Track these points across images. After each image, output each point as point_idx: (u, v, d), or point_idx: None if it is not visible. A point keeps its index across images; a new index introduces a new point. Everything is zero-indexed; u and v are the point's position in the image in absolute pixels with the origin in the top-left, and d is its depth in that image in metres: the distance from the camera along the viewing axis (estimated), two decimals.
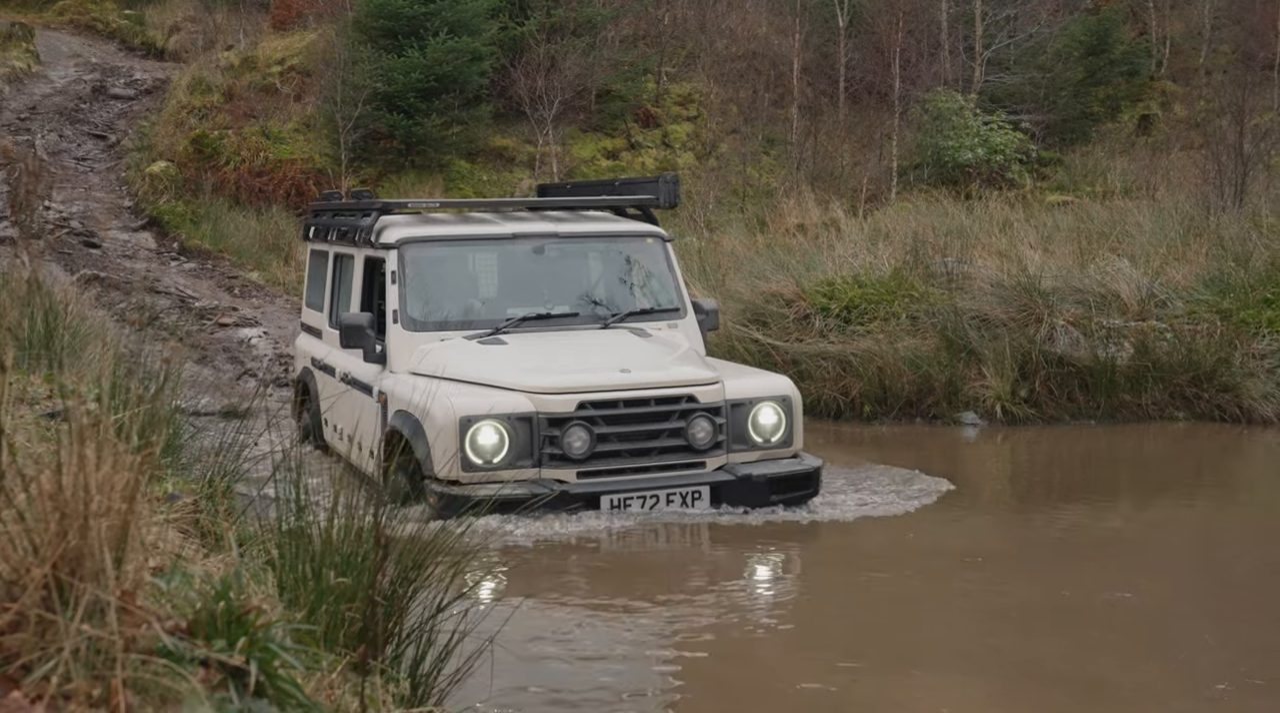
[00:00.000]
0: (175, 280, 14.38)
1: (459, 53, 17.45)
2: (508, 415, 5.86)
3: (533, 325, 6.69)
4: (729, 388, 6.24)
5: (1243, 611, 4.78)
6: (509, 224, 7.11)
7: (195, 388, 6.34)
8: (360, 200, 7.45)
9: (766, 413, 6.31)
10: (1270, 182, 16.32)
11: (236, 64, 20.39)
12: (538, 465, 5.89)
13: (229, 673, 2.05)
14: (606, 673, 4.01)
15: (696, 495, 5.97)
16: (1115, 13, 22.61)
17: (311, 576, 2.74)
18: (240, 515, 3.46)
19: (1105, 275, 10.82)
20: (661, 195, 7.25)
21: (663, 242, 7.26)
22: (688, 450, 6.10)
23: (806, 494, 6.31)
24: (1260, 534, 6.42)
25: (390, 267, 6.69)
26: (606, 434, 5.97)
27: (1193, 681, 3.82)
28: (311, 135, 18.40)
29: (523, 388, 5.98)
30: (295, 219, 17.10)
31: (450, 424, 5.80)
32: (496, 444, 5.83)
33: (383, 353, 6.59)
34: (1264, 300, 10.26)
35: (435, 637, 2.94)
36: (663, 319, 6.98)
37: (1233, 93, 19.04)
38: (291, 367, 9.04)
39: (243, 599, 2.14)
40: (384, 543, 1.99)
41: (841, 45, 20.63)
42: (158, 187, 17.09)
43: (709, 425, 6.11)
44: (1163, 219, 13.24)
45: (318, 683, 2.38)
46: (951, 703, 3.67)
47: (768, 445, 6.31)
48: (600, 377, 6.13)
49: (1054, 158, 20.12)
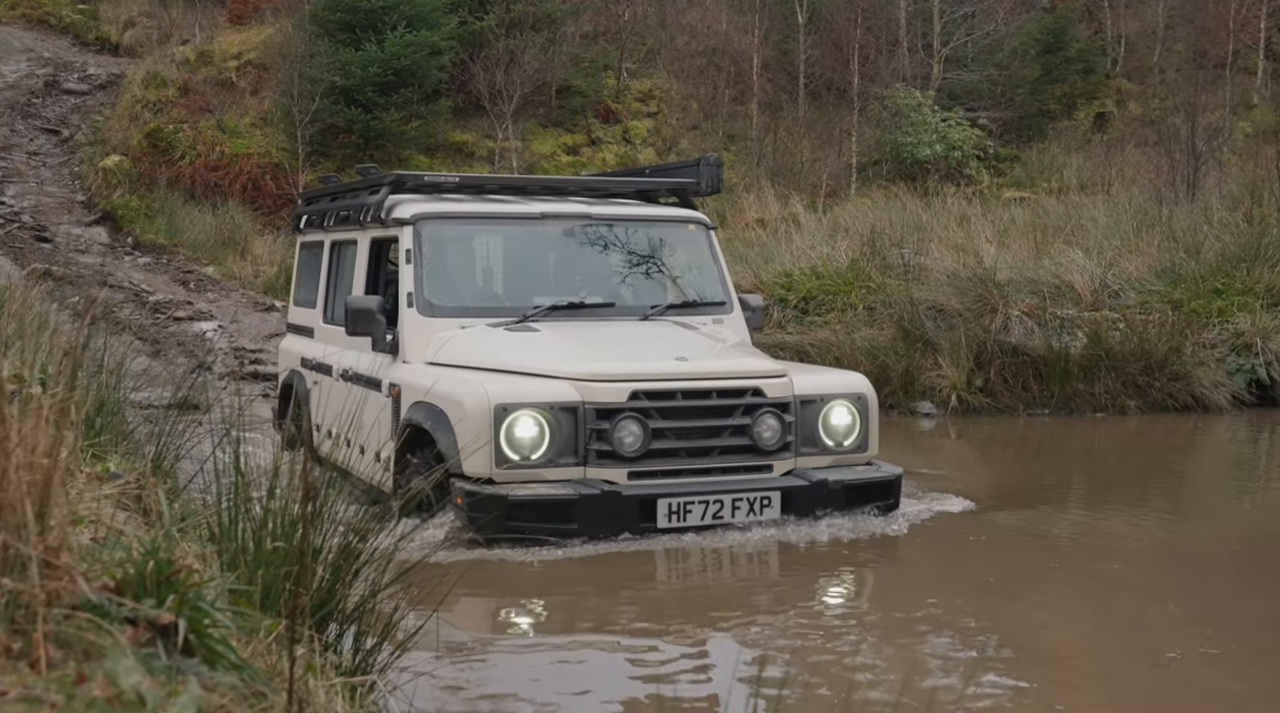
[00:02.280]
0: (129, 275, 14.21)
1: (417, 47, 17.36)
2: (550, 405, 5.07)
3: (563, 315, 5.92)
4: (798, 384, 5.52)
5: (1196, 585, 4.84)
6: (537, 204, 6.37)
7: (147, 380, 6.23)
8: (367, 176, 6.77)
9: (839, 413, 5.58)
10: (1222, 177, 16.55)
11: (192, 58, 20.18)
12: (582, 463, 5.11)
13: (158, 632, 2.02)
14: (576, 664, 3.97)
15: (766, 502, 5.21)
16: (1071, 11, 22.85)
17: (251, 543, 2.71)
18: (183, 491, 3.42)
19: (1060, 267, 10.93)
20: (703, 180, 6.60)
21: (706, 229, 6.57)
22: (753, 451, 5.35)
23: (887, 505, 5.54)
24: (1204, 515, 6.51)
25: (405, 245, 5.94)
26: (662, 429, 5.20)
27: (1147, 648, 3.87)
28: (268, 130, 18.24)
29: (567, 375, 5.21)
30: (252, 213, 16.95)
31: (483, 413, 5.01)
32: (536, 437, 5.05)
33: (394, 342, 5.86)
34: (1214, 291, 10.40)
35: (379, 610, 2.91)
36: (707, 313, 6.25)
37: (1186, 91, 19.29)
38: (273, 373, 8.19)
39: (173, 559, 2.10)
40: (311, 494, 1.95)
41: (801, 42, 20.70)
42: (111, 181, 16.88)
43: (777, 423, 5.37)
44: (1117, 213, 13.40)
45: (256, 648, 2.35)
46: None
47: (839, 449, 5.57)
48: (655, 364, 5.39)
49: (1011, 154, 20.30)
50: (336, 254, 7.00)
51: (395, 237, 6.09)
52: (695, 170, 6.67)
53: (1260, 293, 10.42)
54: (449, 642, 3.68)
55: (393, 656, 2.89)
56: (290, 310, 8.02)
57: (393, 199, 6.16)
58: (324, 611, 2.86)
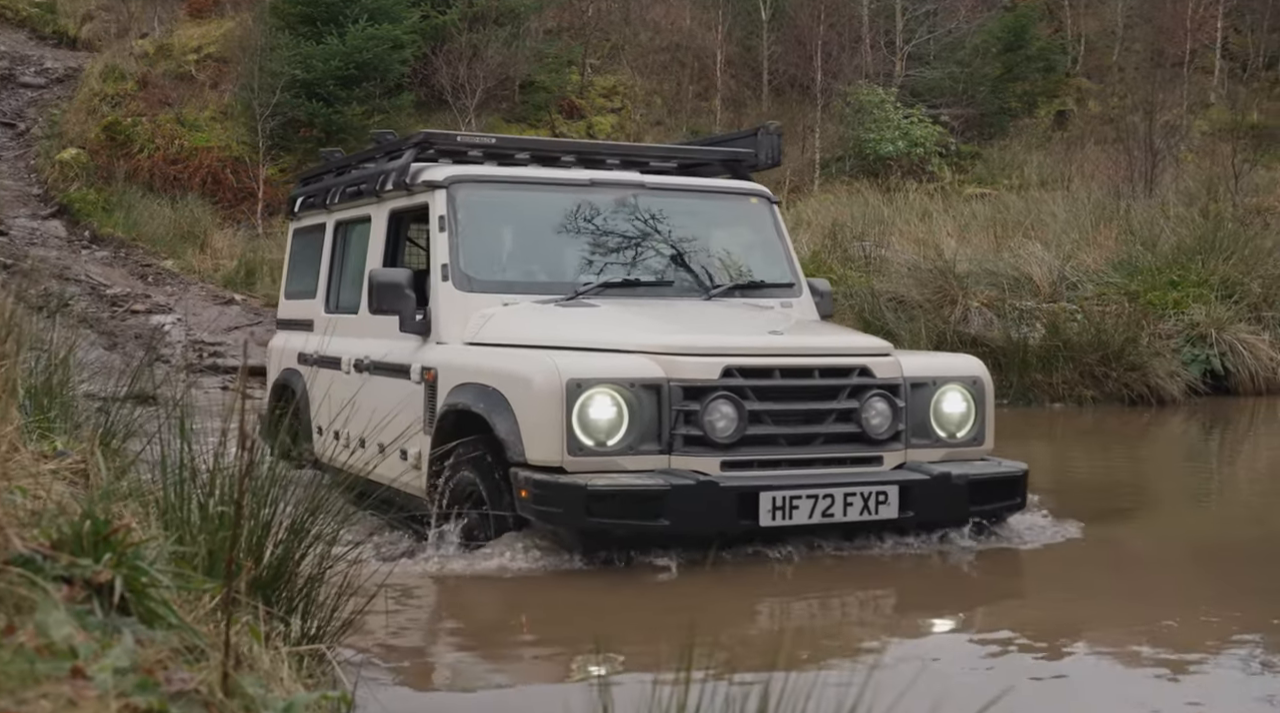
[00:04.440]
0: (86, 268, 14.04)
1: (379, 40, 17.27)
2: (630, 381, 4.38)
3: (617, 293, 5.25)
4: (907, 365, 4.85)
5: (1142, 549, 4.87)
6: (585, 170, 5.75)
7: (101, 371, 6.13)
8: (382, 142, 6.09)
9: (953, 399, 4.90)
10: (1179, 173, 16.75)
11: (151, 52, 19.98)
12: (667, 451, 4.40)
13: (94, 591, 1.99)
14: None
15: (882, 498, 4.51)
16: (1031, 10, 23.07)
17: (197, 512, 2.68)
18: (130, 465, 3.38)
19: (1019, 259, 11.03)
20: (761, 151, 5.95)
21: (769, 203, 5.91)
22: (861, 440, 4.66)
23: (1010, 506, 4.86)
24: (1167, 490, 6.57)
25: (438, 210, 5.28)
26: (759, 412, 4.50)
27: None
28: (228, 123, 18.09)
29: (648, 348, 4.52)
30: (211, 207, 16.80)
31: (553, 390, 4.30)
32: (613, 420, 4.34)
33: (425, 321, 5.18)
34: (1170, 282, 10.52)
35: (329, 582, 2.89)
36: (774, 296, 5.57)
37: (1144, 89, 19.51)
38: (262, 377, 7.28)
39: (111, 519, 2.08)
40: (249, 445, 1.93)
41: (764, 38, 20.77)
42: (68, 174, 16.68)
43: (887, 408, 4.68)
44: (1075, 208, 13.53)
45: (199, 614, 2.32)
46: None
47: (952, 441, 4.87)
48: (749, 338, 4.74)
49: (973, 151, 20.45)
50: (342, 235, 6.40)
51: (423, 204, 5.41)
52: (753, 141, 6.02)
53: (1215, 285, 10.55)
54: (406, 618, 3.66)
55: (342, 629, 2.87)
56: (281, 306, 7.28)
57: (418, 164, 5.52)
58: (275, 585, 2.84)
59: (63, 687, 1.55)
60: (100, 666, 1.67)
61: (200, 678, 1.78)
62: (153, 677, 1.70)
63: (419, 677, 3.20)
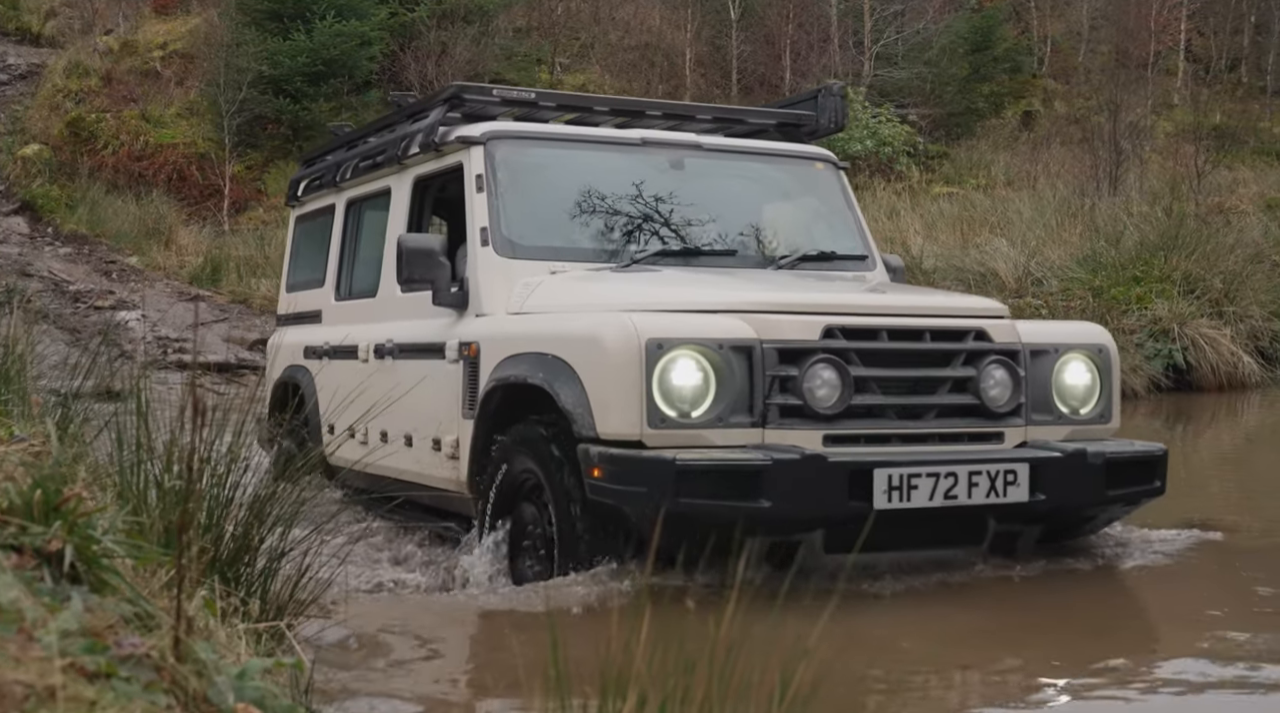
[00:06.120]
0: (49, 264, 13.90)
1: (347, 37, 17.19)
2: (717, 342, 3.77)
3: (675, 262, 4.72)
4: (1024, 331, 4.25)
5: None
6: (636, 129, 5.24)
7: (62, 366, 6.04)
8: (403, 104, 5.58)
9: (1076, 369, 4.33)
10: (1143, 173, 16.92)
11: (116, 48, 19.80)
12: (760, 423, 3.79)
13: (45, 559, 1.96)
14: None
15: (1011, 479, 3.91)
16: (998, 11, 23.25)
17: (154, 487, 2.66)
18: (89, 444, 3.34)
19: (985, 256, 11.11)
20: (824, 115, 5.40)
21: (836, 168, 5.39)
22: (979, 414, 4.07)
23: (1149, 491, 4.26)
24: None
25: (475, 169, 4.75)
26: (865, 379, 3.91)
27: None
28: (194, 120, 17.96)
29: (736, 306, 3.95)
30: (177, 204, 16.67)
31: (630, 353, 3.70)
32: (699, 387, 3.75)
33: (461, 293, 4.63)
34: (1133, 278, 10.62)
35: (289, 559, 2.87)
36: (846, 268, 4.99)
37: (1109, 90, 19.69)
38: (263, 378, 6.71)
39: (62, 489, 2.05)
40: (199, 408, 1.91)
41: (733, 37, 20.82)
42: (31, 170, 16.51)
43: (1008, 377, 4.08)
44: (1041, 206, 13.65)
45: (155, 587, 2.30)
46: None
47: (1076, 417, 4.29)
48: (850, 296, 4.22)
49: (940, 151, 20.57)
50: (355, 215, 5.89)
51: (455, 165, 4.90)
52: (813, 104, 5.45)
53: (1177, 280, 10.66)
54: (372, 599, 3.65)
55: (302, 607, 2.85)
56: (282, 299, 6.74)
57: (446, 125, 5.02)
58: (235, 565, 2.82)
59: (8, 646, 1.53)
60: (47, 629, 1.65)
61: (151, 643, 1.77)
62: (102, 640, 1.68)
63: (379, 651, 3.18)
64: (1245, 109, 22.28)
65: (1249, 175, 18.24)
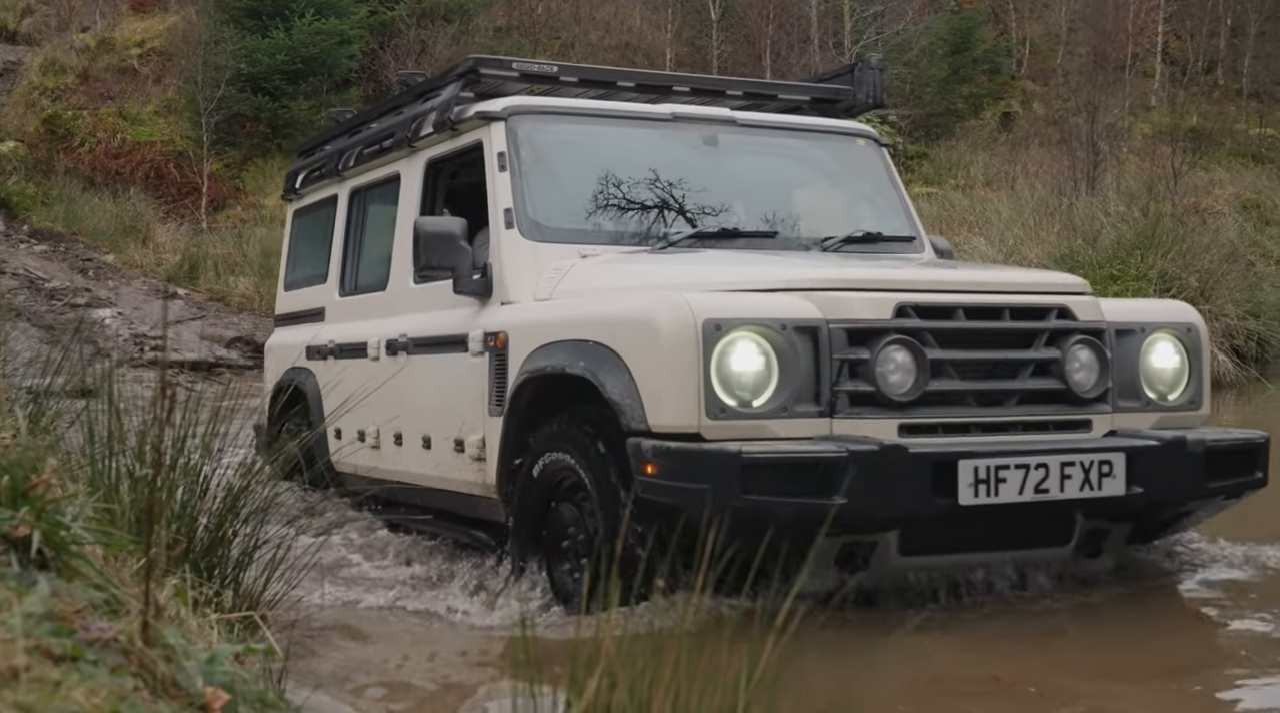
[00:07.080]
0: (24, 262, 13.80)
1: (326, 35, 17.14)
2: (780, 323, 3.40)
3: (712, 245, 4.36)
4: (1107, 310, 3.90)
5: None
6: (665, 104, 4.86)
7: (36, 363, 5.98)
8: (411, 84, 5.28)
9: (1164, 351, 3.98)
10: (1120, 174, 17.03)
11: (93, 46, 19.69)
12: (828, 412, 3.42)
13: (12, 545, 1.95)
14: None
15: (1106, 469, 3.56)
16: (977, 13, 23.36)
17: (125, 476, 2.64)
18: (61, 436, 3.31)
19: (963, 253, 11.14)
20: (861, 90, 5.08)
21: (878, 146, 5.06)
22: (1064, 399, 3.70)
23: (1251, 482, 3.88)
24: None
25: (496, 147, 4.41)
26: (941, 362, 3.54)
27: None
28: (172, 118, 17.87)
29: (798, 284, 3.59)
30: (154, 202, 16.58)
31: (685, 335, 3.33)
32: (761, 373, 3.38)
33: (484, 280, 4.29)
34: (1110, 276, 10.68)
35: (262, 551, 2.86)
36: (893, 251, 4.63)
37: (1087, 92, 19.80)
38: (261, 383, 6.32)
39: (30, 476, 2.03)
40: (170, 392, 1.90)
41: (714, 38, 20.85)
42: (6, 167, 16.40)
43: (1094, 358, 3.72)
44: (1019, 206, 13.71)
45: (125, 575, 2.28)
46: None
47: (1164, 403, 3.93)
48: (921, 272, 3.93)
49: (920, 152, 20.65)
50: (360, 205, 5.55)
51: (474, 144, 4.54)
52: (850, 78, 5.15)
53: (1154, 279, 10.72)
54: (345, 588, 3.63)
55: (277, 596, 2.84)
56: (280, 300, 6.38)
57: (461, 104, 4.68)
58: (209, 556, 2.80)
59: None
60: (12, 612, 1.64)
61: (119, 628, 1.75)
62: (68, 624, 1.67)
63: (352, 639, 3.17)
64: (1221, 111, 22.46)
65: (1225, 176, 18.39)
